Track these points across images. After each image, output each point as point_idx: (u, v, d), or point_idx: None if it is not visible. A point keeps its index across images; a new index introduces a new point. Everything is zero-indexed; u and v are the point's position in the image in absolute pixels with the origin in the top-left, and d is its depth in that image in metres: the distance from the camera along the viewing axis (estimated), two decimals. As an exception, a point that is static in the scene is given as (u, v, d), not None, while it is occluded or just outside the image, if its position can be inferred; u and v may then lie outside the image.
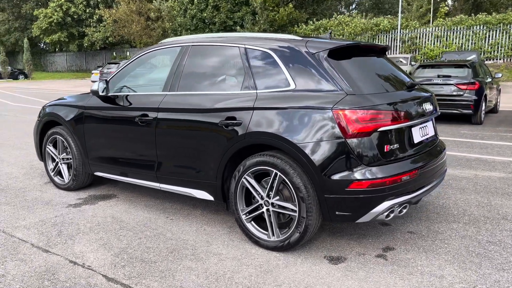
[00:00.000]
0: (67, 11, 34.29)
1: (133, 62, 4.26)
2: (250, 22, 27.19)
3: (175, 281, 2.80)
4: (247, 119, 3.18)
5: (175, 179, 3.75)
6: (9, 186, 5.07)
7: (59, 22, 34.32)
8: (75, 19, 35.01)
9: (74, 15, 34.54)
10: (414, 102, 3.25)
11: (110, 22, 32.67)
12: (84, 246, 3.36)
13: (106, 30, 33.04)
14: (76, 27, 35.65)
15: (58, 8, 34.23)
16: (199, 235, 3.53)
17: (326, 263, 3.04)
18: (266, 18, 26.70)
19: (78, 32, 36.38)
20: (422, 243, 3.33)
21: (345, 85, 2.94)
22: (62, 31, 35.17)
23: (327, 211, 2.94)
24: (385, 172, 2.85)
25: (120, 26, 32.21)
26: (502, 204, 4.21)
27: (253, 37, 3.49)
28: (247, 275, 2.86)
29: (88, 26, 34.88)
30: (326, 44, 3.16)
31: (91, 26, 34.62)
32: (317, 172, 2.89)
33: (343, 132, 2.83)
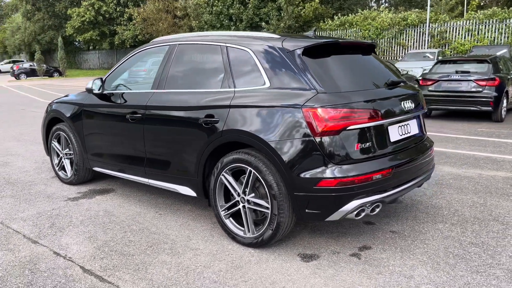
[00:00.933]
0: (99, 10, 35.28)
1: (127, 60, 4.38)
2: (275, 18, 27.14)
3: (147, 274, 2.89)
4: (224, 117, 3.23)
5: (161, 175, 3.85)
6: (19, 179, 5.32)
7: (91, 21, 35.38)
8: (106, 18, 35.99)
9: (106, 14, 35.50)
10: (392, 100, 3.20)
11: (139, 20, 33.35)
12: (71, 238, 3.51)
13: (135, 28, 33.77)
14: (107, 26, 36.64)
15: (90, 7, 35.27)
16: (182, 230, 3.62)
17: (298, 260, 3.05)
18: (291, 14, 26.58)
19: (109, 30, 37.38)
20: (401, 243, 3.29)
21: (317, 83, 2.94)
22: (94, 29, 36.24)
23: (298, 209, 2.96)
24: (354, 171, 2.84)
25: (148, 24, 32.83)
26: (497, 205, 4.08)
27: (235, 36, 3.53)
28: (217, 270, 2.92)
29: (119, 24, 35.76)
30: (302, 42, 3.16)
31: (121, 25, 35.47)
32: (287, 170, 2.91)
33: (312, 131, 2.83)
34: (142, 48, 4.27)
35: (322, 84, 2.95)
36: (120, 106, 4.15)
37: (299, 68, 3.03)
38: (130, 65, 4.41)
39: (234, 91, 3.28)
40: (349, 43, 3.52)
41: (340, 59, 3.29)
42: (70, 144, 4.88)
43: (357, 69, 3.36)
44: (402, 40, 23.94)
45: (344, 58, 3.35)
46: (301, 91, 2.95)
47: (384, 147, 3.05)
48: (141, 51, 4.28)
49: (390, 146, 3.11)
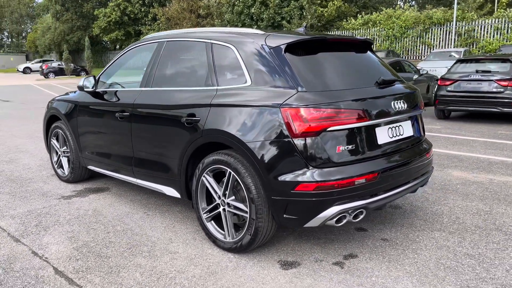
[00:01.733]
0: (124, 11, 35.83)
1: (120, 58, 4.33)
2: (297, 17, 26.88)
3: (118, 278, 2.80)
4: (204, 116, 3.12)
5: (148, 175, 3.76)
6: (20, 176, 5.35)
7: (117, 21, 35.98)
8: (131, 18, 36.51)
9: (131, 14, 36.01)
10: (381, 100, 3.00)
11: (163, 20, 33.69)
12: (53, 237, 3.46)
13: (159, 28, 34.11)
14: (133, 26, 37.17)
15: (116, 7, 35.85)
16: (165, 232, 3.52)
17: (277, 267, 2.90)
18: (314, 13, 26.27)
19: (134, 30, 37.91)
20: (390, 252, 3.09)
21: (299, 82, 2.78)
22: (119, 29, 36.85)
23: (276, 214, 2.81)
24: (334, 175, 2.67)
25: (172, 23, 33.11)
26: (503, 213, 3.81)
27: (220, 32, 3.40)
28: (191, 276, 2.80)
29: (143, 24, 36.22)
30: (286, 38, 3.00)
31: (146, 25, 35.91)
32: (265, 173, 2.77)
33: (290, 132, 2.67)
34: (134, 45, 4.21)
35: (303, 82, 2.78)
36: (110, 105, 4.09)
37: (280, 65, 2.88)
38: (124, 62, 4.35)
39: (216, 90, 3.16)
40: (338, 39, 3.33)
41: (327, 56, 3.12)
42: (67, 142, 4.87)
43: (346, 67, 3.18)
44: (428, 39, 23.28)
45: (333, 55, 3.17)
46: (282, 90, 2.80)
47: (370, 150, 2.86)
48: (133, 48, 4.21)
49: (378, 149, 2.92)
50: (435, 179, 4.87)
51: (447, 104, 9.20)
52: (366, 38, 3.51)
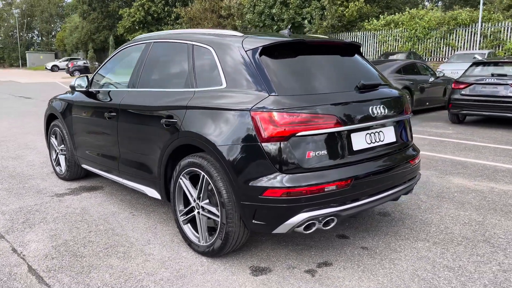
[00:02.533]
0: (148, 10, 36.33)
1: (112, 58, 4.36)
2: (318, 18, 26.66)
3: (86, 278, 2.81)
4: (181, 118, 3.10)
5: (132, 174, 3.78)
6: (22, 173, 5.48)
7: (141, 21, 36.52)
8: (154, 17, 36.99)
9: (154, 14, 36.50)
10: (359, 105, 2.91)
11: (185, 20, 33.99)
12: (35, 235, 3.51)
13: (182, 28, 34.46)
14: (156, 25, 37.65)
15: (141, 7, 36.39)
16: (146, 233, 3.52)
17: (248, 273, 2.86)
18: (335, 13, 26.00)
19: (157, 30, 38.36)
20: (367, 261, 3.00)
21: (271, 86, 2.72)
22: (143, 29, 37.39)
23: (246, 219, 2.76)
24: (303, 181, 2.60)
25: (194, 23, 33.37)
26: (496, 224, 3.65)
27: (201, 33, 3.38)
28: (159, 279, 2.79)
29: (166, 24, 36.64)
30: (262, 41, 2.95)
31: (168, 24, 36.32)
32: (234, 177, 2.73)
33: (259, 136, 2.62)
34: (126, 45, 4.24)
35: (276, 86, 2.73)
36: (100, 105, 4.13)
37: (255, 68, 2.83)
38: (116, 62, 4.38)
39: (194, 92, 3.14)
40: (319, 42, 3.26)
41: (307, 59, 3.05)
42: (64, 141, 4.94)
43: (326, 71, 3.10)
44: (452, 41, 22.70)
45: (313, 58, 3.10)
46: (254, 93, 2.75)
47: (343, 156, 2.78)
48: (124, 48, 4.24)
49: (353, 155, 2.83)
50: (432, 186, 4.72)
51: (461, 108, 8.93)
52: (352, 41, 3.42)
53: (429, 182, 4.90)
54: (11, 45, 70.26)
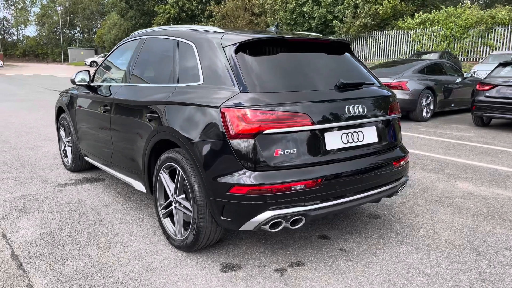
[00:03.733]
0: (183, 7, 36.86)
1: (112, 53, 4.47)
2: (351, 16, 26.24)
3: (62, 266, 2.90)
4: (161, 113, 3.14)
5: (121, 167, 3.88)
6: (34, 163, 5.70)
7: (175, 18, 37.10)
8: (188, 15, 37.49)
9: (188, 11, 37.00)
10: (336, 104, 2.85)
11: (218, 17, 34.29)
12: (27, 223, 3.65)
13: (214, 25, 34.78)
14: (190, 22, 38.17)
15: (175, 4, 36.97)
16: (131, 225, 3.59)
17: (218, 269, 2.86)
18: (368, 11, 25.50)
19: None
20: (341, 263, 2.94)
21: (243, 82, 2.71)
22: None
23: (214, 215, 2.77)
24: (269, 179, 2.58)
25: (227, 21, 33.62)
26: (489, 231, 3.49)
27: (186, 29, 3.40)
28: (129, 270, 2.84)
29: (199, 21, 37.07)
30: (240, 37, 2.94)
31: (202, 21, 36.73)
32: (203, 173, 2.74)
33: (227, 132, 2.62)
34: (124, 41, 4.33)
35: (249, 83, 2.71)
36: (98, 99, 4.24)
37: (229, 65, 2.82)
38: (115, 57, 4.48)
39: (175, 87, 3.17)
40: (301, 39, 3.20)
41: (286, 56, 3.01)
42: (70, 133, 5.11)
43: (306, 68, 3.04)
44: (490, 40, 21.78)
45: (293, 56, 3.06)
46: (226, 89, 2.75)
47: (315, 155, 2.73)
48: (123, 44, 4.34)
49: (326, 155, 2.77)
50: (434, 190, 4.56)
51: (485, 110, 8.57)
52: (339, 39, 3.35)
53: (432, 186, 4.74)
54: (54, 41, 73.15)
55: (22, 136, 7.67)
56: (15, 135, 7.78)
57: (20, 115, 10.37)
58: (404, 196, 4.37)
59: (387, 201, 4.17)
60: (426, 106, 9.71)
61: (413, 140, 7.46)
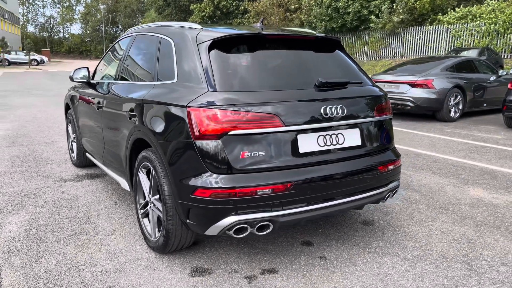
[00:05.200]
0: (218, 5, 37.00)
1: (110, 50, 4.47)
2: (387, 11, 25.46)
3: (34, 263, 2.90)
4: (138, 112, 3.09)
5: (110, 165, 3.87)
6: (45, 157, 5.84)
7: (210, 16, 37.29)
8: (224, 12, 37.59)
9: (223, 9, 37.09)
10: (312, 105, 2.68)
11: (253, 14, 34.23)
12: (18, 217, 3.70)
13: (249, 22, 34.71)
14: (224, 20, 38.28)
15: (210, 2, 37.17)
16: (115, 224, 3.57)
17: (186, 273, 2.78)
18: (405, 6, 24.65)
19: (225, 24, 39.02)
20: (317, 272, 2.78)
21: (211, 81, 2.60)
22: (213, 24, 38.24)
23: (182, 218, 2.68)
24: (233, 182, 2.46)
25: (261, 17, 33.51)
26: (490, 244, 3.21)
27: (168, 26, 3.33)
28: (98, 271, 2.81)
29: (235, 17, 37.09)
30: (215, 33, 2.82)
31: (237, 18, 36.75)
32: (170, 174, 2.66)
33: (192, 133, 2.52)
34: (120, 38, 4.32)
35: (219, 81, 2.60)
36: (93, 96, 4.26)
37: (202, 62, 2.72)
38: (111, 54, 4.48)
39: (153, 85, 3.11)
40: (284, 36, 3.05)
41: (265, 54, 2.87)
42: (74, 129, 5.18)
43: (285, 67, 2.90)
44: (536, 36, 20.52)
45: (273, 53, 2.92)
46: (195, 88, 2.65)
47: (286, 158, 2.58)
48: (119, 41, 4.33)
49: (298, 158, 2.62)
50: (441, 196, 4.28)
51: (517, 111, 8.03)
52: (326, 35, 3.17)
53: (441, 191, 4.46)
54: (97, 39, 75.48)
55: (43, 131, 7.90)
56: (37, 130, 8.02)
57: (47, 110, 10.71)
58: (406, 201, 4.13)
59: (385, 207, 3.95)
60: (455, 106, 9.22)
61: (434, 142, 7.08)
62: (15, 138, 7.22)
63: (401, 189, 4.49)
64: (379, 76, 9.90)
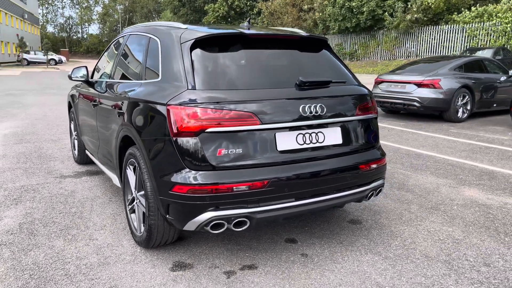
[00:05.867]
0: (232, 5, 37.20)
1: (106, 50, 4.57)
2: (401, 10, 25.22)
3: (23, 256, 2.99)
4: (125, 109, 3.16)
5: (104, 161, 3.97)
6: (50, 154, 5.99)
7: (224, 16, 37.52)
8: (237, 12, 37.77)
9: (237, 9, 37.28)
10: (291, 103, 2.71)
11: (266, 14, 34.29)
12: (15, 211, 3.82)
13: (262, 22, 34.80)
14: (238, 20, 38.45)
15: (224, 2, 37.40)
16: (106, 219, 3.65)
17: (168, 268, 2.84)
18: (420, 5, 24.37)
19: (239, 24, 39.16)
20: (296, 269, 2.81)
21: (191, 80, 2.65)
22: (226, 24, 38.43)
23: (163, 213, 2.74)
24: (210, 179, 2.51)
25: (274, 18, 33.54)
26: (474, 244, 3.19)
27: (158, 26, 3.39)
28: (83, 264, 2.88)
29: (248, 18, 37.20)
30: (197, 33, 2.88)
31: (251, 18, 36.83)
32: (151, 170, 2.73)
33: (171, 130, 2.58)
34: (117, 37, 4.41)
35: (198, 80, 2.65)
36: (89, 94, 4.36)
37: (182, 61, 2.77)
38: (107, 54, 4.56)
39: (140, 84, 3.18)
40: (264, 35, 3.08)
41: (247, 53, 2.91)
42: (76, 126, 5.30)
43: (267, 66, 2.94)
44: (555, 36, 20.07)
45: (255, 52, 2.96)
46: (176, 86, 2.70)
47: (263, 156, 2.61)
48: (115, 40, 4.42)
49: (276, 155, 2.65)
50: (434, 197, 4.26)
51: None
52: (310, 35, 3.19)
53: (435, 191, 4.43)
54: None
55: (51, 129, 8.08)
56: (46, 127, 8.21)
57: (58, 109, 10.94)
58: (398, 201, 4.12)
59: (375, 206, 3.95)
60: (462, 106, 9.10)
61: (437, 142, 7.02)
62: (24, 135, 7.41)
63: (394, 189, 4.48)
64: (385, 75, 9.84)
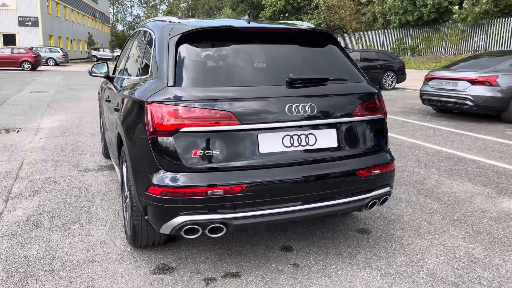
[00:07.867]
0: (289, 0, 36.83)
1: (125, 46, 4.59)
2: (470, 2, 23.57)
3: (19, 248, 3.05)
4: (119, 106, 3.12)
5: (113, 158, 3.97)
6: (83, 148, 6.19)
7: (281, 11, 37.23)
8: (294, 7, 37.32)
9: (294, 3, 36.83)
10: (278, 102, 2.50)
11: (324, 9, 33.59)
12: (29, 203, 3.94)
13: (319, 17, 34.15)
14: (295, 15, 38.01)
15: (282, -4, 37.17)
16: (109, 215, 3.65)
17: (149, 270, 2.75)
18: (491, -4, 22.63)
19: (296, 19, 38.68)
20: (281, 281, 2.60)
21: (172, 76, 2.53)
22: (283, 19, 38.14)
23: (143, 214, 2.66)
24: (182, 181, 2.37)
25: (332, 12, 32.77)
26: (495, 265, 2.79)
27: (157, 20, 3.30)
28: (70, 260, 2.88)
29: (306, 13, 36.67)
30: (185, 27, 2.74)
31: (308, 13, 36.31)
32: (131, 170, 2.65)
33: (148, 129, 2.47)
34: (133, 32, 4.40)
35: (180, 77, 2.52)
36: (106, 90, 4.40)
37: (168, 57, 2.66)
38: (124, 49, 4.57)
39: (134, 80, 3.12)
40: (257, 29, 2.87)
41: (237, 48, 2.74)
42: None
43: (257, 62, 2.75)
44: None
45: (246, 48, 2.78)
46: (159, 83, 2.59)
47: (242, 158, 2.43)
48: (131, 36, 4.41)
49: (258, 158, 2.46)
50: (465, 207, 3.83)
51: None
52: (311, 28, 2.95)
53: (468, 201, 3.99)
54: (178, 35, 79.05)
55: (96, 122, 8.38)
56: (91, 121, 8.54)
57: (107, 103, 11.36)
58: (420, 210, 3.75)
59: (391, 215, 3.63)
60: (524, 106, 8.24)
61: (486, 145, 6.39)
62: (67, 128, 7.74)
63: (420, 196, 4.09)
64: (436, 72, 9.16)
